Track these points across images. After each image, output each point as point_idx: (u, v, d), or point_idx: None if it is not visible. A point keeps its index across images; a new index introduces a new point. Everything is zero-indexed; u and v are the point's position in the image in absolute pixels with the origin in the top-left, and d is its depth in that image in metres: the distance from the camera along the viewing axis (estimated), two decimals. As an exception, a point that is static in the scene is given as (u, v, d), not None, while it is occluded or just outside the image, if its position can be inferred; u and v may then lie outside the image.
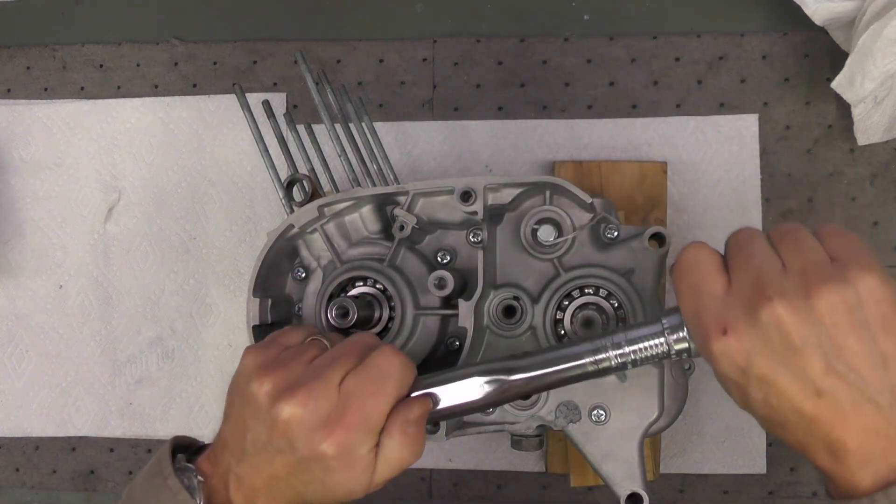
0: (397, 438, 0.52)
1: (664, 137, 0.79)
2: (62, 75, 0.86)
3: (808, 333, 0.43)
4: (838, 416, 0.43)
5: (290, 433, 0.50)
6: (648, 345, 0.51)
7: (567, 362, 0.53)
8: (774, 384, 0.44)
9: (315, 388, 0.51)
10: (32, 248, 0.85)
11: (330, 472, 0.51)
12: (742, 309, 0.45)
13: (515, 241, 0.64)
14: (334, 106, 0.69)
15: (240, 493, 0.53)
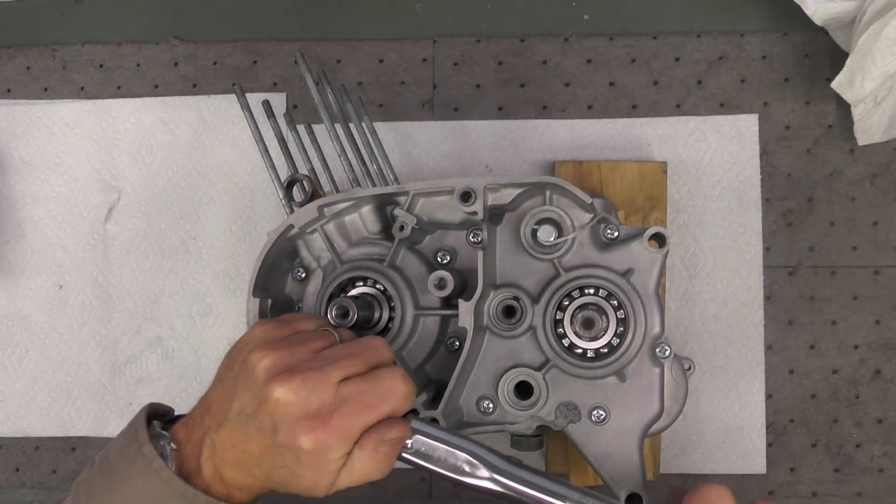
0: (368, 454, 0.52)
1: (664, 137, 0.79)
2: (62, 75, 0.86)
3: None
4: None
5: (275, 415, 0.50)
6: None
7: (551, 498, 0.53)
8: None
9: (312, 380, 0.51)
10: (32, 248, 0.85)
11: (300, 465, 0.51)
12: None
13: (515, 242, 0.64)
14: (334, 106, 0.69)
15: (210, 462, 0.52)
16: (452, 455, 0.55)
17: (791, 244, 0.78)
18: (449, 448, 0.55)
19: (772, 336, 0.78)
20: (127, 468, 0.53)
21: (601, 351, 0.63)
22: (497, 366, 0.64)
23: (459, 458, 0.55)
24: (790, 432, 0.78)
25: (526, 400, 0.63)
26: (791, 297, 0.78)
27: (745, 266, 0.78)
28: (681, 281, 0.78)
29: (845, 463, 0.77)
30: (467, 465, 0.55)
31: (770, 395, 0.78)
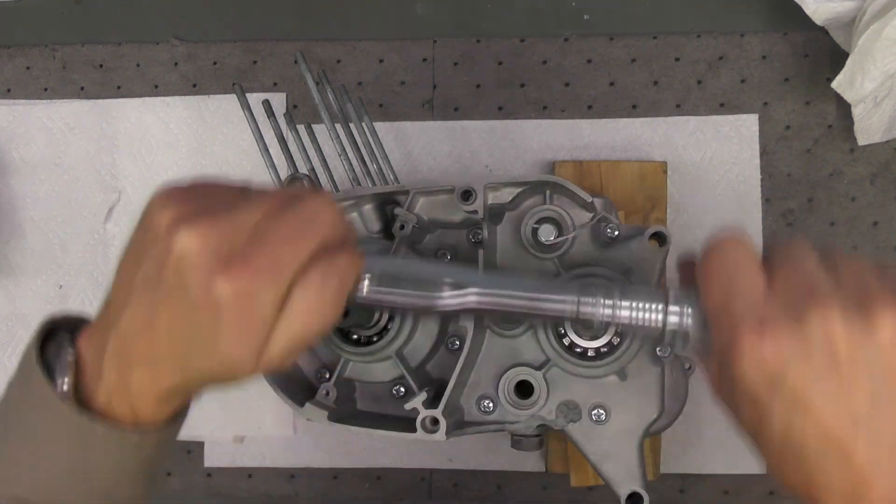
0: (313, 291, 0.42)
1: (664, 137, 0.79)
2: (62, 75, 0.86)
3: (860, 354, 0.37)
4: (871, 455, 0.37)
5: (183, 268, 0.40)
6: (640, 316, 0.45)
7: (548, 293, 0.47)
8: (806, 401, 0.38)
9: (222, 219, 0.41)
10: (32, 248, 0.85)
11: (221, 328, 0.41)
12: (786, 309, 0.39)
13: (516, 241, 0.64)
14: (334, 106, 0.69)
15: (113, 365, 0.44)
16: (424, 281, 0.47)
17: (791, 244, 0.78)
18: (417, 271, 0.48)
19: (772, 336, 0.78)
20: (22, 401, 0.46)
21: (601, 350, 0.63)
22: (497, 365, 0.64)
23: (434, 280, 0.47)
24: (790, 432, 0.77)
25: (526, 399, 0.63)
26: (791, 297, 0.78)
27: (745, 266, 0.78)
28: (681, 281, 0.78)
29: (845, 463, 0.77)
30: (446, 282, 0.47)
31: (770, 395, 0.77)
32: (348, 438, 0.80)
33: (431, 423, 0.60)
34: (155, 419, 0.45)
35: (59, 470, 0.45)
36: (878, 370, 0.38)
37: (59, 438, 0.44)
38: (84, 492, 0.46)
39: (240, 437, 0.82)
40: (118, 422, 0.44)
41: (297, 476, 0.82)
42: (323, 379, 0.68)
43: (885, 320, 0.38)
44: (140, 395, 0.44)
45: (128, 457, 0.46)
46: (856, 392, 0.38)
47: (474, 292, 0.48)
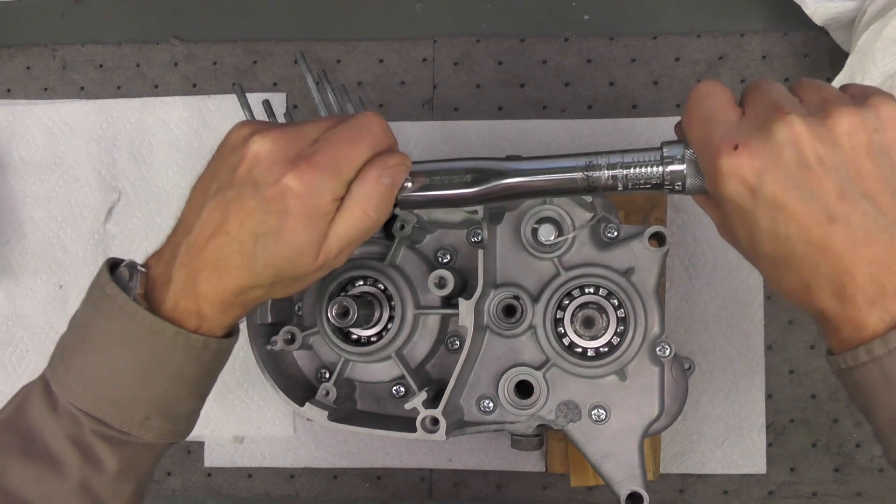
0: (370, 185, 0.49)
1: (664, 137, 0.78)
2: (62, 75, 0.86)
3: (825, 153, 0.41)
4: (849, 246, 0.41)
5: (255, 166, 0.48)
6: (643, 171, 0.49)
7: (560, 173, 0.51)
8: (785, 207, 0.42)
9: (290, 132, 0.50)
10: (32, 248, 0.85)
11: (288, 218, 0.48)
12: (756, 127, 0.43)
13: (515, 241, 0.64)
14: (334, 106, 0.69)
15: (183, 270, 0.50)
16: (454, 175, 0.53)
17: (791, 244, 0.78)
18: (446, 169, 0.53)
19: (772, 336, 0.78)
20: (92, 315, 0.51)
21: (601, 350, 0.63)
22: (497, 365, 0.64)
23: (463, 174, 0.53)
24: (790, 432, 0.78)
25: (526, 399, 0.63)
26: (791, 297, 0.78)
27: (745, 266, 0.78)
28: (681, 281, 0.78)
29: (845, 463, 0.77)
30: (470, 177, 0.52)
31: (770, 395, 0.78)
32: (348, 438, 0.80)
33: (431, 423, 0.60)
34: (217, 324, 0.51)
35: (127, 378, 0.50)
36: (843, 168, 0.41)
37: (129, 341, 0.50)
38: (147, 399, 0.51)
39: (240, 437, 0.82)
40: (185, 327, 0.50)
41: (297, 476, 0.82)
42: (323, 379, 0.68)
43: (841, 121, 0.41)
44: (206, 296, 0.50)
45: (189, 362, 0.51)
46: (826, 190, 0.41)
47: (497, 181, 0.52)
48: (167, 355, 0.50)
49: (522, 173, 0.52)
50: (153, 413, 0.51)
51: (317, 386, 0.66)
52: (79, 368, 0.51)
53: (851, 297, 0.41)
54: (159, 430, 0.52)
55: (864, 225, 0.41)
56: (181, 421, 0.54)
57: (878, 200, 0.41)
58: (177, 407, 0.53)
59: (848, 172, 0.41)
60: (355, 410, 0.68)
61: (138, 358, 0.50)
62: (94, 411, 0.50)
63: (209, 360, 0.52)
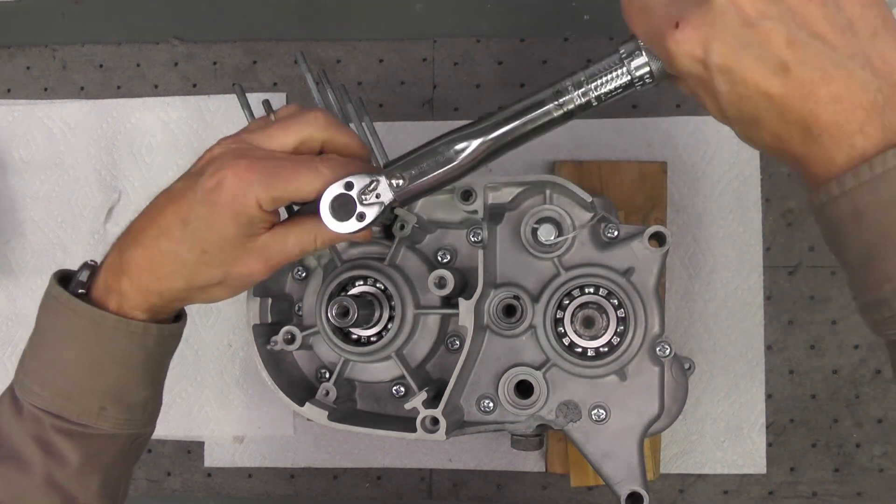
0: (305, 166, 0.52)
1: (664, 137, 0.79)
2: (62, 75, 0.86)
3: (766, 7, 0.41)
4: (808, 89, 0.41)
5: (210, 162, 0.52)
6: (610, 77, 0.49)
7: (533, 111, 0.51)
8: (737, 69, 0.42)
9: (246, 134, 0.54)
10: (32, 248, 0.85)
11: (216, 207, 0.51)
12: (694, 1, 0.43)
13: (516, 241, 0.64)
14: (334, 106, 0.69)
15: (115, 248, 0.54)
16: (439, 155, 0.54)
17: (791, 244, 0.78)
18: (430, 152, 0.54)
19: (772, 336, 0.78)
20: (42, 318, 0.55)
21: (601, 350, 0.63)
22: (497, 365, 0.64)
23: (447, 150, 0.53)
24: (790, 432, 0.78)
25: (526, 399, 0.63)
26: (791, 297, 0.78)
27: (745, 266, 0.78)
28: (681, 281, 0.78)
29: (845, 463, 0.77)
30: (455, 148, 0.53)
31: (770, 395, 0.78)
32: (348, 438, 0.80)
33: (431, 423, 0.60)
34: (135, 305, 0.53)
35: (77, 370, 0.53)
36: (787, 16, 0.41)
37: (75, 334, 0.53)
38: (99, 389, 0.54)
39: (240, 437, 0.82)
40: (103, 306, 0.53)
41: (297, 476, 0.82)
42: (323, 379, 0.68)
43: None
44: (127, 271, 0.53)
45: (134, 348, 0.54)
46: (774, 42, 0.41)
47: (479, 141, 0.53)
48: (112, 343, 0.53)
49: (499, 125, 0.52)
50: (108, 402, 0.54)
51: (317, 386, 0.66)
52: (35, 369, 0.54)
53: (818, 138, 0.41)
54: (115, 419, 0.54)
55: (818, 65, 0.41)
56: (137, 409, 0.56)
57: (829, 38, 0.41)
58: (130, 395, 0.55)
59: (794, 19, 0.41)
60: (355, 410, 0.68)
61: (85, 349, 0.53)
62: (52, 408, 0.53)
63: (153, 345, 0.55)
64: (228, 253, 0.52)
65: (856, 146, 0.41)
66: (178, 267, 0.53)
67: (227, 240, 0.52)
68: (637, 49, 0.48)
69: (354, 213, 0.53)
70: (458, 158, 0.53)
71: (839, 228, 0.42)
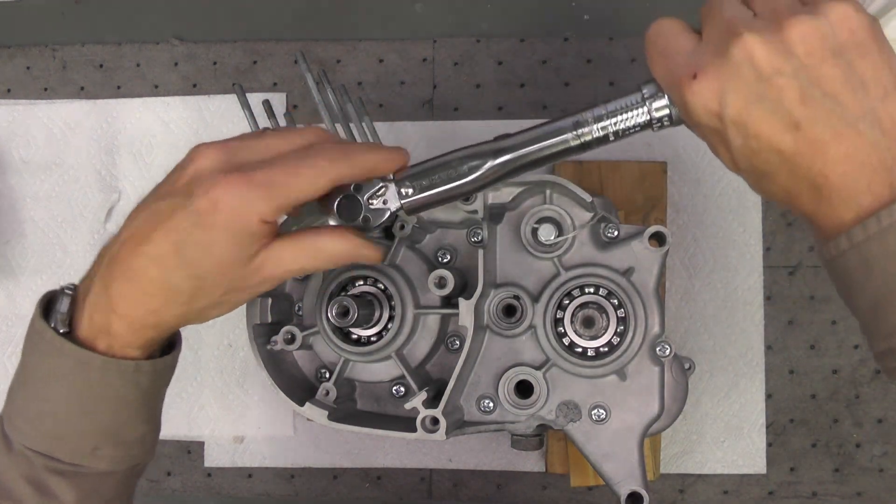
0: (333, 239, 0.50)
1: (664, 137, 0.79)
2: (62, 75, 0.86)
3: (781, 63, 0.41)
4: (818, 147, 0.41)
5: (195, 178, 0.48)
6: (629, 115, 0.50)
7: (551, 138, 0.51)
8: (750, 123, 0.42)
9: (237, 145, 0.49)
10: (32, 248, 0.85)
11: (214, 229, 0.46)
12: (712, 52, 0.43)
13: (516, 241, 0.64)
14: (334, 106, 0.69)
15: (100, 281, 0.49)
16: (451, 169, 0.53)
17: (791, 244, 0.78)
18: (443, 164, 0.53)
19: (772, 336, 0.78)
20: (27, 352, 0.51)
21: (601, 350, 0.63)
22: (497, 365, 0.64)
23: (459, 165, 0.53)
24: (790, 432, 0.78)
25: (526, 399, 0.63)
26: (791, 297, 0.78)
27: (745, 266, 0.78)
28: (681, 281, 0.78)
29: (845, 463, 0.77)
30: (468, 165, 0.52)
31: (770, 395, 0.78)
32: (348, 438, 0.80)
33: (431, 423, 0.60)
34: (127, 344, 0.49)
35: (67, 411, 0.49)
36: (801, 74, 0.41)
37: (61, 375, 0.49)
38: (92, 430, 0.50)
39: (240, 437, 0.82)
40: (92, 347, 0.49)
41: (297, 476, 0.82)
42: (323, 379, 0.68)
43: (793, 30, 0.41)
44: (116, 310, 0.48)
45: (128, 387, 0.50)
46: (787, 98, 0.41)
47: (494, 161, 0.52)
48: (101, 385, 0.49)
49: (516, 148, 0.52)
50: (101, 442, 0.50)
51: (317, 386, 0.66)
52: (22, 408, 0.51)
53: (828, 197, 0.42)
54: (111, 457, 0.51)
55: (829, 123, 0.41)
56: (134, 445, 0.52)
57: (841, 98, 0.41)
58: (125, 433, 0.52)
59: (807, 77, 0.41)
60: (355, 410, 0.68)
61: (74, 390, 0.49)
62: (42, 448, 0.50)
63: (147, 382, 0.51)
64: (228, 274, 0.48)
65: (863, 205, 0.41)
66: (174, 296, 0.48)
67: (226, 263, 0.48)
68: (659, 91, 0.49)
69: (360, 217, 0.52)
70: (470, 175, 0.52)
71: (850, 280, 0.43)
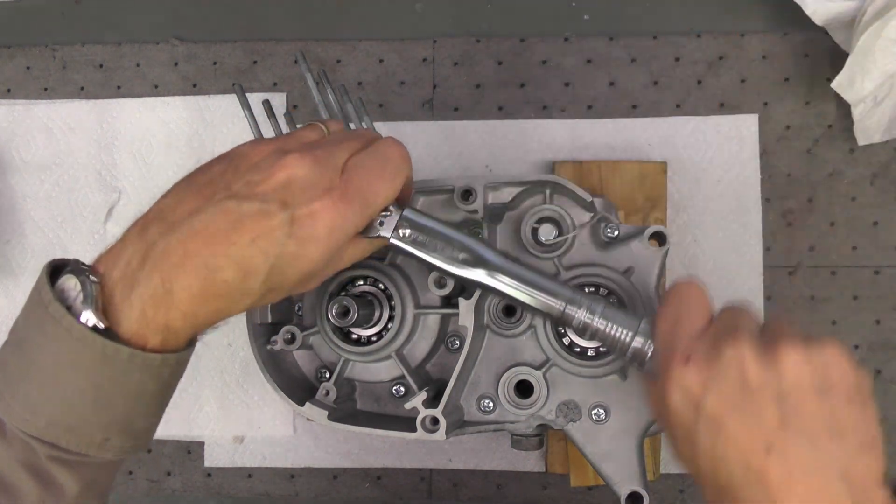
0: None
1: (664, 137, 0.79)
2: (62, 75, 0.86)
3: (768, 381, 0.43)
4: (784, 480, 0.41)
5: (288, 187, 0.47)
6: (615, 331, 0.53)
7: (543, 294, 0.54)
8: (725, 427, 0.43)
9: (323, 158, 0.48)
10: (32, 248, 0.85)
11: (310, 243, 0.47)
12: (711, 344, 0.45)
13: (516, 241, 0.64)
14: (334, 106, 0.69)
15: (156, 274, 0.45)
16: (448, 246, 0.55)
17: (791, 244, 0.78)
18: (445, 237, 0.55)
19: (772, 336, 0.78)
20: (37, 335, 0.46)
21: (601, 349, 0.63)
22: (497, 365, 0.64)
23: (455, 249, 0.55)
24: (790, 432, 0.77)
25: (526, 399, 0.63)
26: (791, 297, 0.78)
27: (745, 266, 0.78)
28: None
29: (845, 463, 0.77)
30: (462, 255, 0.55)
31: (770, 394, 0.77)
32: (348, 438, 0.80)
33: (431, 423, 0.60)
34: (183, 338, 0.48)
35: (80, 402, 0.46)
36: (785, 399, 0.42)
37: (80, 366, 0.45)
38: (105, 422, 0.47)
39: (240, 437, 0.82)
40: (142, 342, 0.46)
41: (297, 476, 0.82)
42: (323, 378, 0.68)
43: (789, 353, 0.43)
44: (180, 306, 0.46)
45: (148, 380, 0.47)
46: (766, 417, 0.42)
47: (483, 272, 0.55)
48: (124, 377, 0.46)
49: (509, 278, 0.55)
50: (112, 433, 0.48)
51: (317, 386, 0.66)
52: (26, 394, 0.46)
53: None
54: (119, 447, 0.49)
55: (800, 461, 0.42)
56: (142, 435, 0.51)
57: (817, 439, 0.42)
58: (137, 424, 0.49)
59: (790, 405, 0.42)
60: (355, 410, 0.68)
61: (92, 382, 0.46)
62: (47, 437, 0.46)
63: (168, 374, 0.49)
64: (298, 282, 0.49)
65: None
66: (244, 298, 0.48)
67: (307, 273, 0.48)
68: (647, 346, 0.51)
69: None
70: (457, 268, 0.55)
71: None
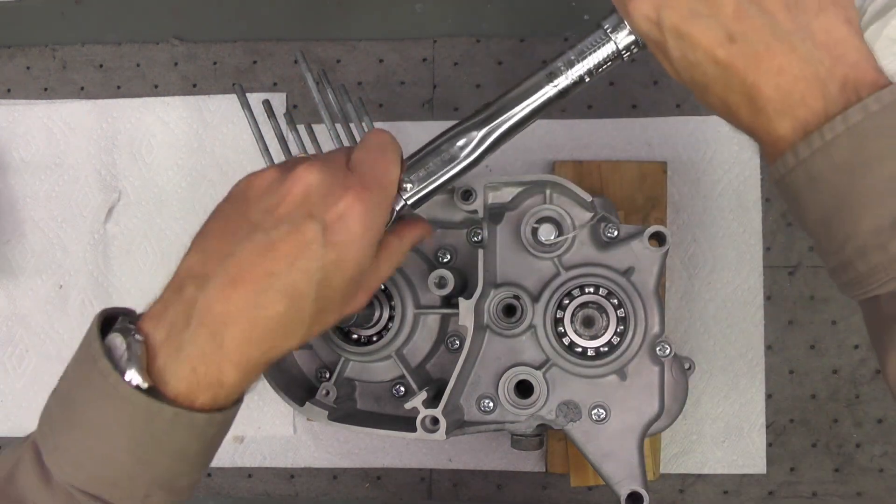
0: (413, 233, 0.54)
1: (664, 137, 0.79)
2: (62, 75, 0.86)
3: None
4: (751, 60, 0.43)
5: (308, 197, 0.46)
6: (598, 52, 0.52)
7: (530, 95, 0.53)
8: (687, 35, 0.44)
9: (327, 163, 0.48)
10: (32, 248, 0.85)
11: (348, 245, 0.46)
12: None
13: (516, 240, 0.65)
14: (334, 106, 0.69)
15: (203, 329, 0.44)
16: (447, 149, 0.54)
17: (791, 244, 0.78)
18: (436, 148, 0.54)
19: (772, 336, 0.78)
20: (83, 389, 0.46)
21: (601, 349, 0.63)
22: (497, 365, 0.64)
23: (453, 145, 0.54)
24: (790, 432, 0.78)
25: (526, 399, 0.63)
26: (791, 297, 0.78)
27: (745, 266, 0.78)
28: (681, 281, 0.78)
29: (845, 463, 0.77)
30: (461, 141, 0.54)
31: (770, 395, 0.78)
32: (348, 438, 0.80)
33: (431, 423, 0.60)
34: (235, 392, 0.46)
35: (124, 458, 0.45)
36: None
37: (124, 424, 0.45)
38: (147, 479, 0.46)
39: (240, 437, 0.82)
40: (190, 400, 0.45)
41: (297, 476, 0.82)
42: (323, 378, 0.68)
43: None
44: (232, 357, 0.45)
45: (192, 440, 0.46)
46: (723, 11, 0.43)
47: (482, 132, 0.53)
48: (166, 437, 0.45)
49: (500, 113, 0.53)
50: (154, 490, 0.47)
51: (317, 386, 0.66)
52: (68, 447, 0.46)
53: (762, 109, 0.43)
54: (161, 503, 0.48)
55: (762, 38, 0.43)
56: (185, 492, 0.49)
57: (774, 13, 0.43)
58: (179, 482, 0.48)
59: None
60: (355, 410, 0.68)
61: (135, 441, 0.45)
62: (91, 489, 0.46)
63: (213, 434, 0.48)
64: (347, 294, 0.48)
65: (798, 117, 0.42)
66: (296, 326, 0.46)
67: (353, 279, 0.47)
68: (621, 22, 0.50)
69: None
70: (464, 153, 0.53)
71: (799, 198, 0.44)
